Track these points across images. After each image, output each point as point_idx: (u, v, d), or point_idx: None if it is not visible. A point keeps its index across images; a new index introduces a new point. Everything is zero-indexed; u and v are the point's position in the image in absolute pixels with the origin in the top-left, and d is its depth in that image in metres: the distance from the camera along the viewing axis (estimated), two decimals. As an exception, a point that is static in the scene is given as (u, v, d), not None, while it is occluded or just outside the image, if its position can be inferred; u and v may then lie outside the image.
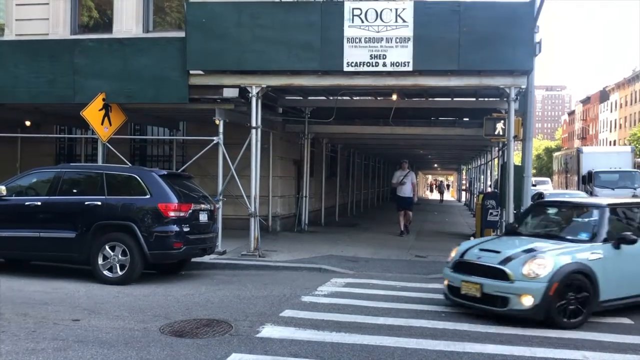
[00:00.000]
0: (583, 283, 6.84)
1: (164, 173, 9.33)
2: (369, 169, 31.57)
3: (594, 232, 7.49)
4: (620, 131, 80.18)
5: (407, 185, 16.16)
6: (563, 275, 6.71)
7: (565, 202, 10.07)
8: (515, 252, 7.13)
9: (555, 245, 7.27)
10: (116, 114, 11.62)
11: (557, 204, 9.83)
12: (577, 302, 6.77)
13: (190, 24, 10.92)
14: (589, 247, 7.20)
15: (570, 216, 8.57)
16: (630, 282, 7.40)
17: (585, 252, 7.07)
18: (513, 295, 6.74)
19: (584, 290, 6.83)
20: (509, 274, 6.80)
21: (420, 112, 16.55)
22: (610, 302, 7.19)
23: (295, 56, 10.67)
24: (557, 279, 6.66)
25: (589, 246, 7.21)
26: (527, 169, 12.67)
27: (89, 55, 11.38)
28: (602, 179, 26.50)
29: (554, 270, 6.70)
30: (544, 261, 6.80)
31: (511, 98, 10.79)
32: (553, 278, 6.66)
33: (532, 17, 10.50)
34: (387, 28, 10.38)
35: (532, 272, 6.71)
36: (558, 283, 6.66)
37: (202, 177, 13.40)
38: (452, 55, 10.36)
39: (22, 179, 9.71)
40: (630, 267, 7.39)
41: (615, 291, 7.21)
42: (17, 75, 11.48)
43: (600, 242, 7.31)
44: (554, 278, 6.66)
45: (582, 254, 7.03)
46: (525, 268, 6.77)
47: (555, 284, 6.65)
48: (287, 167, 16.72)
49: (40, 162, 14.19)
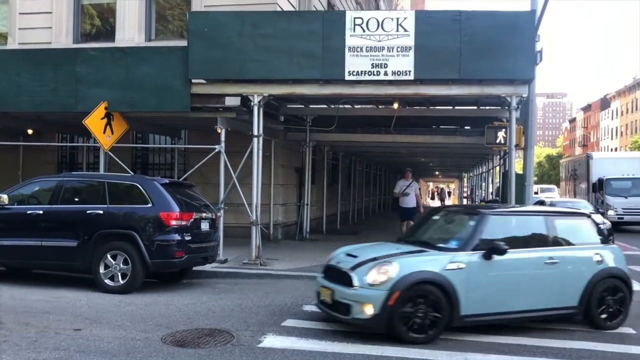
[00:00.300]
0: (434, 295, 6.25)
1: (165, 182, 9.34)
2: (370, 177, 31.57)
3: (465, 240, 6.85)
4: (622, 139, 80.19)
5: (411, 196, 15.58)
6: (407, 285, 6.18)
7: (453, 208, 9.70)
8: (370, 257, 6.67)
9: (415, 253, 6.78)
10: (118, 123, 11.65)
11: (447, 210, 9.30)
12: (426, 315, 6.22)
13: (193, 33, 10.96)
14: (450, 256, 6.55)
15: (452, 223, 8.02)
16: (501, 297, 6.74)
17: (443, 262, 6.46)
18: (355, 302, 6.30)
19: (436, 303, 6.26)
20: (353, 280, 6.39)
21: (422, 121, 16.56)
22: (475, 317, 6.54)
23: (297, 65, 10.70)
24: (398, 288, 6.15)
25: (450, 256, 6.57)
26: (528, 177, 12.69)
27: (91, 64, 11.41)
28: (614, 187, 25.04)
29: (396, 278, 6.20)
30: (388, 268, 6.31)
31: (512, 107, 10.80)
32: (395, 287, 6.16)
33: (533, 26, 10.53)
34: (388, 37, 10.41)
35: (376, 279, 6.26)
36: (400, 292, 6.14)
37: (204, 185, 13.41)
38: (454, 64, 10.38)
39: (24, 188, 9.72)
40: (503, 280, 6.75)
41: (482, 306, 6.59)
42: (20, 84, 11.52)
43: (469, 251, 6.65)
44: (395, 287, 6.16)
45: (438, 264, 6.44)
46: (369, 275, 6.32)
47: (397, 293, 6.13)
48: (289, 175, 16.72)
49: (42, 170, 14.22)
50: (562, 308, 7.10)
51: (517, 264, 6.87)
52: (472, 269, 6.54)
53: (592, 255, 7.30)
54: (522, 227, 7.45)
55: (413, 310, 6.21)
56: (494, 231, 6.92)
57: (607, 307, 7.20)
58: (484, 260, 6.62)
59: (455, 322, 6.42)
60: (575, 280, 7.11)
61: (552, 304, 7.02)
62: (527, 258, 7.00)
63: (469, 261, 6.57)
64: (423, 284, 6.29)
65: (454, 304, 6.35)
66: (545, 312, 7.03)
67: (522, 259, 6.95)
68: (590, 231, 7.67)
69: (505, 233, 7.01)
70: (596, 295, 7.13)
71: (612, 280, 7.29)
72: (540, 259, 6.99)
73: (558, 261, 7.01)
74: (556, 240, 7.31)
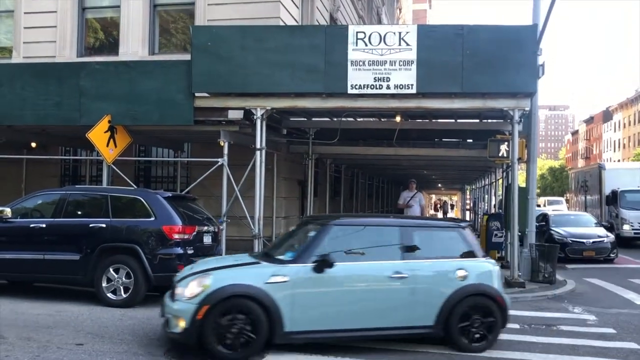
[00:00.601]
0: (250, 309, 5.98)
1: (168, 195, 9.35)
2: (372, 189, 31.53)
3: (299, 252, 6.51)
4: (625, 151, 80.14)
5: (415, 208, 15.21)
6: (218, 299, 5.95)
7: (315, 218, 9.18)
8: (202, 269, 6.51)
9: (240, 266, 6.59)
10: (121, 136, 11.68)
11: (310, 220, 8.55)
12: (241, 331, 5.94)
13: (196, 48, 11.03)
14: (274, 269, 6.27)
15: (305, 234, 7.37)
16: (336, 313, 6.35)
17: (264, 275, 6.17)
18: (172, 316, 6.16)
19: (253, 318, 5.98)
20: (175, 293, 6.27)
21: (424, 134, 16.56)
22: (303, 334, 6.18)
23: (299, 79, 10.74)
24: (208, 302, 5.92)
25: (274, 269, 6.29)
26: (531, 190, 12.69)
27: (95, 78, 11.47)
28: (629, 199, 23.13)
29: (207, 292, 5.99)
30: (203, 281, 6.13)
31: (515, 120, 10.82)
32: (204, 301, 5.94)
33: (534, 40, 10.58)
34: (390, 51, 10.46)
35: (192, 292, 6.07)
36: (209, 306, 5.91)
37: (207, 198, 13.41)
38: (456, 77, 10.41)
39: (28, 201, 9.74)
40: (337, 295, 6.38)
41: (312, 322, 6.24)
42: (24, 97, 11.57)
43: (300, 264, 6.32)
44: (205, 301, 5.94)
45: (259, 277, 6.16)
46: (188, 288, 6.15)
47: (205, 307, 5.90)
48: (291, 188, 16.72)
49: (45, 183, 14.24)
50: (414, 327, 6.55)
51: (354, 278, 6.48)
52: (299, 283, 6.20)
53: (455, 270, 6.70)
54: (372, 238, 6.89)
55: (227, 325, 5.94)
56: (338, 243, 6.55)
57: (471, 327, 6.59)
58: (314, 274, 6.23)
59: (279, 339, 6.07)
60: (429, 297, 6.56)
61: (401, 322, 6.52)
62: (367, 272, 6.56)
63: (296, 274, 6.22)
64: (237, 297, 6.02)
65: (275, 320, 6.02)
66: (393, 330, 6.53)
67: (361, 272, 6.54)
68: (458, 244, 7.04)
69: (351, 245, 6.67)
70: (458, 314, 6.54)
71: (479, 298, 6.68)
72: (383, 272, 6.50)
73: (407, 275, 6.49)
74: (409, 254, 6.72)
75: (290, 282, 6.16)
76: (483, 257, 7.19)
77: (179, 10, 15.42)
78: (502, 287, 7.05)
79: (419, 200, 15.43)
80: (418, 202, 15.37)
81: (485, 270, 6.94)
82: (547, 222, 18.68)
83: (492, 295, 6.76)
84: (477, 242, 7.39)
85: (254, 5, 13.79)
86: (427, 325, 6.54)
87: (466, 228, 7.31)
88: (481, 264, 7.03)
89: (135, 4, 14.82)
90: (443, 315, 6.52)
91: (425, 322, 6.53)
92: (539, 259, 12.12)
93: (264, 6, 13.76)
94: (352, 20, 22.94)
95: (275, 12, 13.76)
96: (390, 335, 6.62)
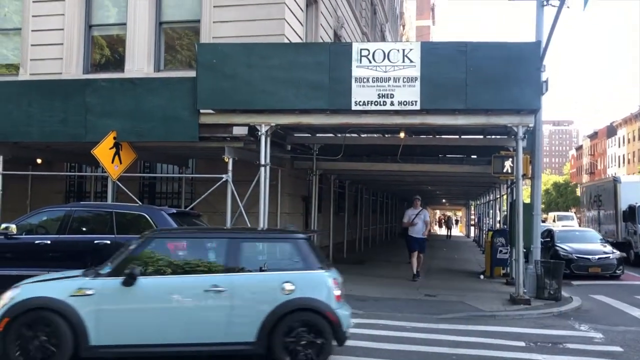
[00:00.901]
0: (53, 322, 5.97)
1: (173, 212, 9.38)
2: (377, 205, 31.51)
3: (114, 265, 6.40)
4: (629, 166, 79.96)
5: (419, 225, 15.08)
6: (19, 311, 5.99)
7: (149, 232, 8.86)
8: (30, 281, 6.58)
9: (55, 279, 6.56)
10: (126, 152, 11.74)
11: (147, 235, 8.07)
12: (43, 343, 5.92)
13: (201, 65, 11.11)
14: (81, 282, 6.23)
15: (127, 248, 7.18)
16: (147, 327, 6.22)
17: (70, 288, 6.14)
18: None
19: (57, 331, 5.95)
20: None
21: (428, 149, 16.58)
22: (111, 349, 6.09)
23: (304, 96, 10.80)
24: (9, 314, 5.99)
25: (81, 281, 6.25)
26: (536, 207, 12.66)
27: (101, 95, 11.56)
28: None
29: (10, 304, 6.05)
30: (9, 293, 6.20)
31: (519, 137, 10.83)
32: (6, 313, 6.01)
33: (538, 57, 10.64)
34: (394, 68, 10.51)
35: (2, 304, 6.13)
36: (9, 319, 5.97)
37: (211, 214, 13.41)
38: (460, 94, 10.45)
39: (33, 218, 9.78)
40: (148, 308, 6.25)
41: (120, 336, 6.13)
42: (30, 114, 11.66)
43: (107, 277, 6.24)
44: (7, 313, 6.01)
45: (65, 290, 6.13)
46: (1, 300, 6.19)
47: (6, 320, 5.97)
48: (295, 204, 16.72)
49: (50, 199, 14.28)
50: (234, 343, 6.26)
51: (166, 292, 6.29)
52: (105, 296, 6.15)
53: (281, 284, 6.34)
54: (197, 252, 6.81)
55: (29, 337, 5.94)
56: (156, 256, 6.50)
57: (296, 345, 6.22)
58: (122, 287, 6.12)
59: (84, 353, 5.99)
60: (250, 311, 6.28)
61: (220, 338, 6.26)
62: (181, 285, 6.37)
63: (102, 288, 6.17)
64: (38, 310, 6.02)
65: (80, 333, 5.97)
66: (211, 347, 6.26)
67: (174, 286, 6.35)
68: (291, 256, 6.72)
69: (171, 258, 6.61)
70: (282, 331, 6.21)
71: (306, 314, 6.31)
72: (199, 286, 6.29)
73: (226, 289, 6.25)
74: (233, 266, 6.48)
75: (96, 296, 6.12)
76: (320, 270, 6.63)
77: (185, 27, 15.56)
78: (340, 303, 6.53)
79: (423, 218, 15.29)
80: (422, 220, 15.25)
81: (316, 284, 6.51)
82: (552, 238, 18.62)
83: (321, 310, 6.33)
84: (315, 254, 6.81)
85: (259, 22, 13.90)
86: (248, 342, 6.22)
87: (303, 239, 6.85)
88: (313, 276, 6.57)
89: (141, 22, 14.97)
90: (265, 331, 6.20)
91: (246, 338, 6.23)
92: (545, 275, 12.05)
93: (269, 24, 13.87)
94: (355, 37, 23.09)
95: (279, 30, 13.87)
96: (209, 352, 6.33)
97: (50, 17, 15.44)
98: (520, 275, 11.27)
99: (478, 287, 13.74)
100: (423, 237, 15.18)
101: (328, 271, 6.68)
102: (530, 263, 12.39)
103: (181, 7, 15.48)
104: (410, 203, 16.57)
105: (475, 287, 13.70)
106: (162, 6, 15.25)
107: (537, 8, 12.76)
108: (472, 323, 9.52)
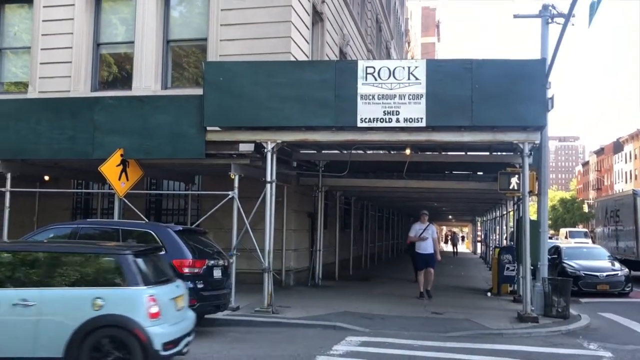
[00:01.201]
0: None
1: (179, 229, 9.40)
2: (383, 221, 31.43)
3: None
4: (636, 182, 79.56)
5: (428, 241, 14.58)
6: None
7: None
8: None
9: None
10: (133, 169, 11.79)
11: None
12: None
13: (208, 83, 11.20)
14: None
15: None
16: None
17: None
18: None
19: None
20: None
21: (434, 166, 16.55)
22: None
23: (310, 113, 10.85)
24: None
25: None
26: (543, 223, 12.59)
27: (108, 112, 11.65)
28: None
29: None
30: None
31: (525, 153, 10.81)
32: None
33: (543, 74, 10.67)
34: (400, 85, 10.56)
35: None
36: None
37: (217, 231, 13.43)
38: (465, 111, 10.47)
39: (40, 235, 9.80)
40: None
41: None
42: (39, 131, 11.76)
43: None
44: None
45: None
46: None
47: None
48: (301, 220, 16.72)
49: (57, 215, 14.36)
50: (41, 359, 6.26)
51: None
52: None
53: (92, 299, 6.27)
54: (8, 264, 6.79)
55: None
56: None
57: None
58: None
59: None
60: (58, 326, 6.24)
61: (27, 353, 6.25)
62: None
63: None
64: None
65: None
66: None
67: None
68: (110, 271, 6.62)
69: None
70: (89, 345, 6.15)
71: (114, 330, 6.24)
72: (7, 301, 6.32)
73: (34, 303, 6.24)
74: (46, 280, 6.49)
75: None
76: (138, 287, 6.45)
77: (192, 45, 15.71)
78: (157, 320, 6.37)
79: (431, 233, 14.83)
80: (431, 235, 14.77)
81: (128, 301, 6.37)
82: (559, 255, 18.44)
83: (128, 327, 6.20)
84: (138, 270, 6.60)
85: (265, 40, 14.03)
86: (55, 357, 6.20)
87: (128, 254, 6.67)
88: (126, 293, 6.43)
89: (149, 40, 15.13)
90: (73, 346, 6.15)
91: (53, 353, 6.20)
92: (552, 293, 11.94)
93: (275, 42, 14.00)
94: (361, 55, 23.24)
95: (286, 48, 13.99)
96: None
97: (59, 35, 15.64)
98: (528, 292, 11.18)
99: (485, 304, 13.63)
100: (431, 252, 14.63)
101: (153, 287, 6.56)
102: (537, 280, 12.29)
103: (188, 25, 15.66)
104: (416, 218, 16.31)
105: (483, 304, 13.59)
106: (169, 25, 15.44)
107: (542, 25, 12.82)
108: (480, 341, 9.43)
